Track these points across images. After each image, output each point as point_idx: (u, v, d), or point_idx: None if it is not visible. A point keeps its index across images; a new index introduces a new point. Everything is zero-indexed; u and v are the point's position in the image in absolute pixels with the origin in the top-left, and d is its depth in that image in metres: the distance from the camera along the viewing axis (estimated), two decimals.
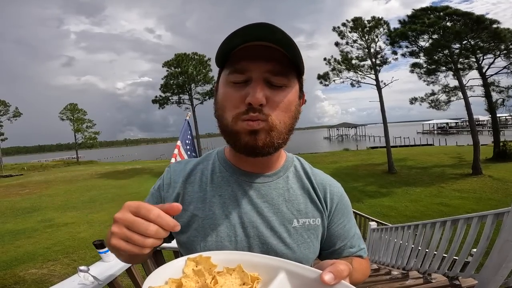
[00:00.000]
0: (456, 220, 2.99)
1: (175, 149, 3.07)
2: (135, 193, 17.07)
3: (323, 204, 0.76)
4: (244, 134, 0.62)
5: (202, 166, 0.77)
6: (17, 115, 39.58)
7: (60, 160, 52.21)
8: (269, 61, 0.60)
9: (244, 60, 0.61)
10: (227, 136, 0.66)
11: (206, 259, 0.52)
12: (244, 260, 0.53)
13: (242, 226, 0.69)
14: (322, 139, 69.26)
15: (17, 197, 18.27)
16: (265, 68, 0.60)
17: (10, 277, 6.97)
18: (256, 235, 0.69)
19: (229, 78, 0.63)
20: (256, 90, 0.59)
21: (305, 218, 0.72)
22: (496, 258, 2.29)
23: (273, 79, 0.61)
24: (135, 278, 1.83)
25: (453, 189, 13.08)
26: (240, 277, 0.50)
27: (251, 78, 0.61)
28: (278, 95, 0.62)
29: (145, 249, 0.46)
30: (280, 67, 0.61)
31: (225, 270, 0.51)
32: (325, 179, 0.80)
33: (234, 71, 0.62)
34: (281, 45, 0.59)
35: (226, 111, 0.64)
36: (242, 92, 0.61)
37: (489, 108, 17.97)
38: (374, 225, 5.64)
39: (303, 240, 0.71)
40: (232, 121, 0.62)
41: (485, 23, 15.08)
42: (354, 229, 0.82)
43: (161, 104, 28.19)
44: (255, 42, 0.60)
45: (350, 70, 20.17)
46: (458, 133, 49.26)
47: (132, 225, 0.46)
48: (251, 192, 0.72)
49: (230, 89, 0.63)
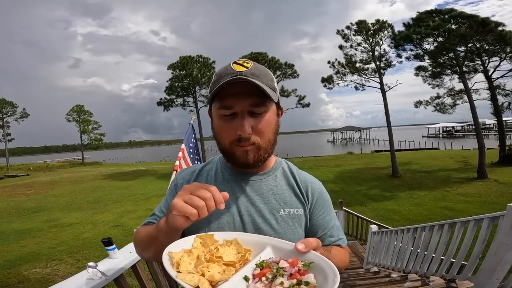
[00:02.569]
0: (453, 223, 2.99)
1: (180, 152, 3.13)
2: (140, 194, 17.18)
3: (305, 198, 0.91)
4: (240, 155, 0.80)
5: (207, 168, 0.96)
6: (25, 116, 39.99)
7: (66, 161, 52.76)
8: (249, 95, 0.75)
9: (229, 97, 0.76)
10: (225, 155, 0.85)
11: (210, 236, 0.67)
12: (239, 238, 0.69)
13: (239, 215, 0.85)
14: (326, 143, 69.02)
15: (23, 197, 18.50)
16: (247, 103, 0.76)
17: (14, 276, 7.06)
18: (250, 222, 0.84)
19: (219, 112, 0.79)
20: (243, 125, 0.75)
21: (290, 208, 0.87)
22: (491, 261, 2.30)
23: (254, 110, 0.77)
24: (140, 275, 1.88)
25: (457, 193, 12.97)
26: (236, 248, 0.65)
27: (237, 112, 0.77)
28: (260, 121, 0.79)
29: (202, 210, 0.61)
30: (258, 99, 0.76)
31: (224, 242, 0.66)
32: (307, 178, 0.96)
33: (222, 106, 0.77)
34: (254, 81, 0.74)
35: (222, 138, 0.81)
36: (231, 125, 0.78)
37: (495, 112, 17.78)
38: (375, 228, 5.63)
39: (288, 226, 0.85)
40: (229, 145, 0.81)
41: (491, 26, 14.99)
42: (334, 221, 0.95)
43: (166, 106, 28.39)
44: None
45: (354, 73, 20.11)
46: (464, 136, 48.75)
47: (194, 192, 0.63)
48: (246, 187, 0.88)
49: (222, 122, 0.80)
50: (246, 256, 0.63)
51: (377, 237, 5.23)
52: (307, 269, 0.58)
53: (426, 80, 18.90)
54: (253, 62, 0.80)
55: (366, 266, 5.39)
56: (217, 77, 0.78)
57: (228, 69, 0.77)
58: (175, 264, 0.56)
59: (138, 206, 13.99)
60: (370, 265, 5.29)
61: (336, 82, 20.88)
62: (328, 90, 22.29)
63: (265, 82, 0.77)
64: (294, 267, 0.58)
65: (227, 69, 0.78)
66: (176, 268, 0.56)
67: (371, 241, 5.45)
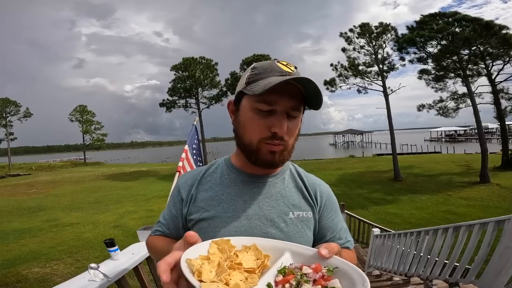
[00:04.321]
0: (458, 227, 2.94)
1: (183, 153, 3.10)
2: (141, 195, 17.19)
3: (314, 200, 0.89)
4: (265, 153, 0.78)
5: (211, 171, 0.93)
6: (28, 115, 40.18)
7: (67, 161, 52.90)
8: (292, 97, 0.75)
9: (273, 94, 0.73)
10: (248, 152, 0.81)
11: (226, 241, 0.63)
12: (256, 243, 0.65)
13: (246, 217, 0.82)
14: (328, 146, 68.94)
15: (24, 196, 18.54)
16: (288, 104, 0.75)
17: (12, 275, 7.04)
18: (258, 225, 0.81)
19: (256, 105, 0.76)
20: (283, 124, 0.75)
21: (299, 211, 0.86)
22: (496, 265, 2.26)
23: (291, 113, 0.77)
24: (141, 276, 1.86)
25: (460, 197, 12.89)
26: (255, 253, 0.62)
27: (276, 110, 0.75)
28: (293, 124, 0.79)
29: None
30: (298, 104, 0.77)
31: (243, 248, 0.63)
32: (315, 180, 0.95)
33: (262, 101, 0.74)
34: (302, 85, 0.74)
35: (250, 133, 0.79)
36: (267, 121, 0.75)
37: (498, 116, 17.66)
38: (377, 231, 5.59)
39: (297, 229, 0.83)
40: (257, 141, 0.77)
41: (494, 29, 14.94)
42: (341, 224, 0.93)
43: (168, 107, 28.40)
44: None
45: (357, 76, 20.08)
46: (466, 141, 48.60)
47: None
48: (254, 190, 0.86)
49: (256, 116, 0.77)
50: (265, 262, 0.60)
51: (379, 241, 5.18)
52: (331, 274, 0.56)
53: (429, 84, 18.86)
54: (294, 66, 0.80)
55: (367, 269, 5.34)
56: (261, 70, 0.77)
57: (274, 66, 0.76)
58: (196, 273, 0.53)
59: (139, 207, 13.93)
60: (372, 268, 5.24)
61: (338, 85, 20.87)
62: (330, 93, 22.31)
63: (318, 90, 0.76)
64: (318, 272, 0.56)
65: (272, 65, 0.77)
66: (197, 276, 0.53)
67: (373, 244, 5.40)
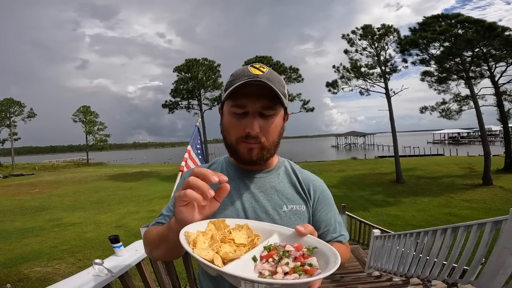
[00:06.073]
0: (456, 227, 2.95)
1: (186, 154, 3.13)
2: (143, 196, 17.24)
3: (307, 195, 0.94)
4: (244, 151, 0.85)
5: (213, 168, 1.00)
6: (32, 115, 40.47)
7: (70, 161, 53.23)
8: (260, 98, 0.80)
9: (243, 97, 0.81)
10: (230, 151, 0.89)
11: (222, 221, 0.70)
12: (249, 224, 0.73)
13: (243, 210, 0.89)
14: (330, 148, 68.77)
15: (27, 196, 18.66)
16: (259, 105, 0.81)
17: (14, 274, 7.09)
18: (254, 217, 0.87)
19: (232, 109, 0.83)
20: (253, 124, 0.80)
21: (292, 205, 0.91)
22: (493, 265, 2.26)
23: (265, 112, 0.82)
24: (144, 273, 1.89)
25: (462, 199, 12.83)
26: (247, 232, 0.69)
27: (248, 112, 0.82)
28: (268, 123, 0.84)
29: (203, 190, 0.63)
30: (269, 102, 0.82)
31: (236, 226, 0.71)
32: (309, 176, 1.00)
33: (235, 105, 0.82)
34: (270, 84, 0.79)
35: (230, 134, 0.86)
36: (242, 122, 0.82)
37: (501, 118, 17.58)
38: (378, 232, 5.58)
39: (291, 222, 0.88)
40: (235, 141, 0.85)
41: (497, 31, 14.85)
42: (336, 217, 0.98)
43: (171, 108, 28.50)
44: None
45: (359, 78, 20.03)
46: (469, 143, 48.27)
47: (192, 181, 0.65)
48: (250, 184, 0.93)
49: (233, 119, 0.84)
50: (254, 240, 0.68)
51: (380, 242, 5.18)
52: (311, 253, 0.63)
53: (432, 86, 18.76)
54: (268, 67, 0.85)
55: (368, 270, 5.34)
56: (234, 77, 0.84)
57: (245, 71, 0.82)
58: (191, 243, 0.61)
59: (141, 208, 14.01)
60: (372, 269, 5.24)
61: (340, 87, 20.85)
62: (333, 95, 22.29)
63: (278, 87, 0.81)
64: (299, 251, 0.63)
65: (244, 71, 0.82)
66: (192, 246, 0.60)
67: (373, 245, 5.40)
